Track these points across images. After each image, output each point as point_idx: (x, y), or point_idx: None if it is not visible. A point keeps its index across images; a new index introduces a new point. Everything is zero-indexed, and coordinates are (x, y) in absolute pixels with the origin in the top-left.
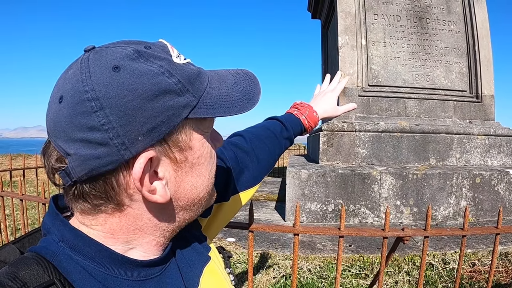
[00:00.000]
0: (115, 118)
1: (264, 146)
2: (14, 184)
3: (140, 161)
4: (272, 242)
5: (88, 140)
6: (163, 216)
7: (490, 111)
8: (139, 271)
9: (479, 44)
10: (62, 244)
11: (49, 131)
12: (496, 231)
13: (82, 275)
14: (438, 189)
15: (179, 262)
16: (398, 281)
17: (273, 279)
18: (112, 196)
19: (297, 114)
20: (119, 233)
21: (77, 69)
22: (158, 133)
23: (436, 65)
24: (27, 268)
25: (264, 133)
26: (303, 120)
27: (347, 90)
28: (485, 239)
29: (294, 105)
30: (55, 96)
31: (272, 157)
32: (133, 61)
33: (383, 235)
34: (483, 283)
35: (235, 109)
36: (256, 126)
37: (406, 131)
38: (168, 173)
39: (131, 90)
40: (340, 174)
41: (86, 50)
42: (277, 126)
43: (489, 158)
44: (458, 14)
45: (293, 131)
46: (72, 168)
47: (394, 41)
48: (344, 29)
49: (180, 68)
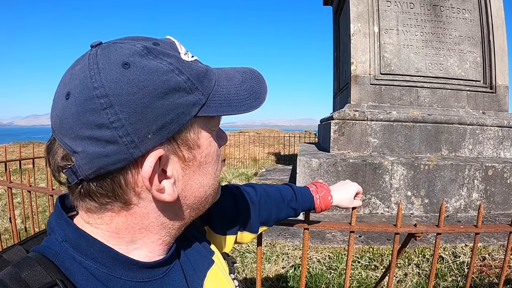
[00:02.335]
0: (124, 116)
1: (270, 205)
2: (24, 172)
3: (150, 159)
4: (281, 231)
5: (96, 138)
6: (169, 215)
7: (504, 102)
8: (143, 273)
9: (493, 34)
10: (65, 244)
11: (55, 128)
12: (510, 229)
13: (85, 275)
14: (449, 181)
15: (183, 264)
16: (407, 274)
17: (282, 269)
18: (119, 194)
19: (312, 191)
20: (124, 232)
21: (84, 65)
22: (168, 131)
23: (450, 54)
24: (29, 269)
25: (274, 194)
26: (316, 199)
27: (359, 78)
28: (496, 232)
29: (314, 182)
30: (61, 92)
31: (272, 217)
32: (143, 58)
33: (395, 231)
34: (493, 278)
35: (243, 107)
36: (271, 186)
37: (418, 121)
38: (176, 172)
39: (141, 87)
40: (351, 163)
41: (93, 46)
42: (289, 193)
43: (502, 150)
44: (473, 2)
45: (302, 205)
46: (79, 166)
47: (407, 29)
48: (357, 16)
49: (189, 65)
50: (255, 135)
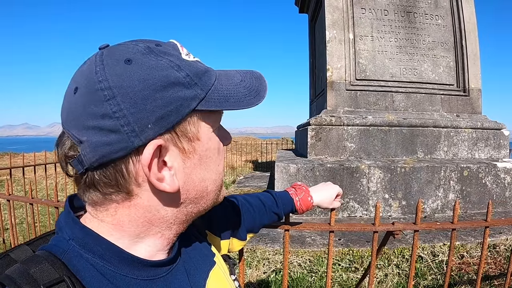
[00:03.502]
0: (126, 106)
1: (253, 212)
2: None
3: (149, 147)
4: (262, 237)
5: (100, 127)
6: (171, 208)
7: (477, 105)
8: (147, 271)
9: (466, 39)
10: (72, 242)
11: (64, 121)
12: (486, 224)
13: (92, 272)
14: (426, 182)
15: (186, 263)
16: (388, 274)
17: (263, 274)
18: (122, 184)
19: (292, 194)
20: (128, 225)
21: (92, 63)
22: (167, 122)
23: (424, 59)
24: (37, 266)
25: (255, 202)
26: (296, 202)
27: (335, 84)
28: (473, 231)
29: (294, 185)
30: (70, 88)
31: (257, 224)
32: (144, 56)
33: (373, 229)
34: (472, 274)
35: (242, 103)
36: (251, 195)
37: (394, 125)
38: (177, 163)
39: (142, 80)
40: (328, 168)
41: (101, 48)
42: (270, 200)
43: (477, 151)
44: (445, 8)
45: (283, 209)
46: (84, 155)
47: (381, 35)
48: (332, 23)
49: (189, 64)
50: (232, 143)
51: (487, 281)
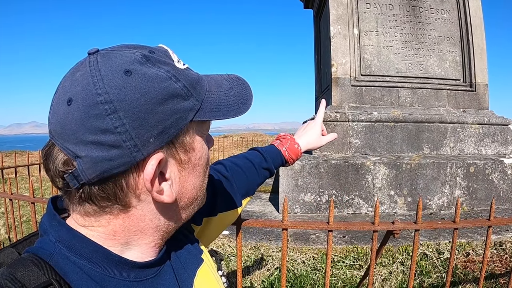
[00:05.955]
0: (128, 121)
1: (243, 174)
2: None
3: (152, 162)
4: (265, 234)
5: (100, 143)
6: (165, 217)
7: (484, 100)
8: (135, 272)
9: (472, 33)
10: (59, 244)
11: (55, 134)
12: (488, 223)
13: (79, 275)
14: (432, 179)
15: (174, 263)
16: (392, 272)
17: (267, 272)
18: (120, 197)
19: (278, 145)
20: (120, 234)
21: (86, 72)
22: (167, 135)
23: (430, 54)
24: (24, 269)
25: (243, 163)
26: (284, 152)
27: (340, 79)
28: (479, 228)
29: (278, 137)
30: (61, 98)
31: (251, 185)
32: (142, 66)
33: (373, 228)
34: (478, 272)
35: (232, 112)
36: (237, 156)
37: (400, 121)
38: (174, 174)
39: (143, 93)
40: (333, 164)
41: (91, 53)
42: (257, 157)
43: (483, 147)
44: (451, 2)
45: (273, 162)
46: (81, 171)
47: (386, 30)
48: (336, 19)
49: (183, 73)
50: (239, 139)
51: (493, 279)
